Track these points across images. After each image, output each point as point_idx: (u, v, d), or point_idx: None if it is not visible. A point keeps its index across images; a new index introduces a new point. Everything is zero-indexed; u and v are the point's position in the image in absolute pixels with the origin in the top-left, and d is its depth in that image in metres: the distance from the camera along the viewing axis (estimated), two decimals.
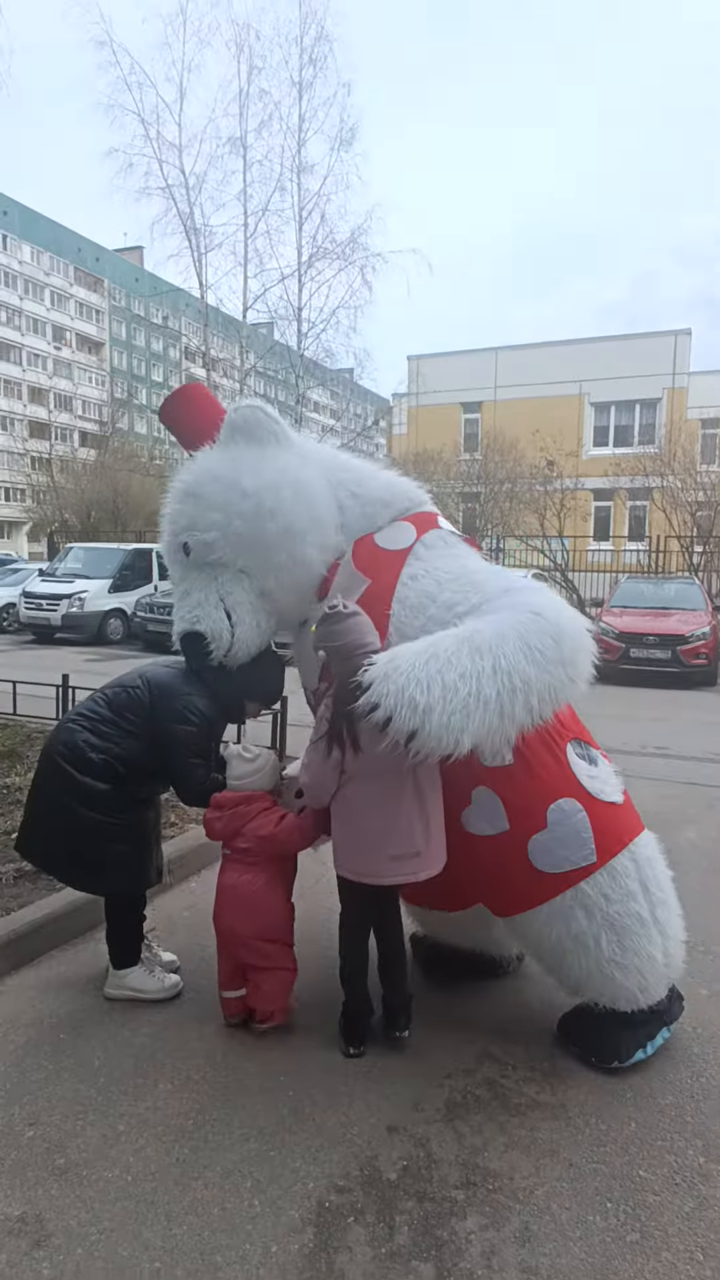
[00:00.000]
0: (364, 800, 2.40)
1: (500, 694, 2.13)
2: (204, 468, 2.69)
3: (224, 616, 2.66)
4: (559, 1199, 1.98)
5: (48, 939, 3.17)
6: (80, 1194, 1.96)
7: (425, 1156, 2.11)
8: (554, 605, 2.36)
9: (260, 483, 2.58)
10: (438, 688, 2.11)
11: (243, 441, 2.68)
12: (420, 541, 2.69)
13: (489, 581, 2.56)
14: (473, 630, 2.26)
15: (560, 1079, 2.44)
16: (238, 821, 2.62)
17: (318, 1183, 2.01)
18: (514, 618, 2.28)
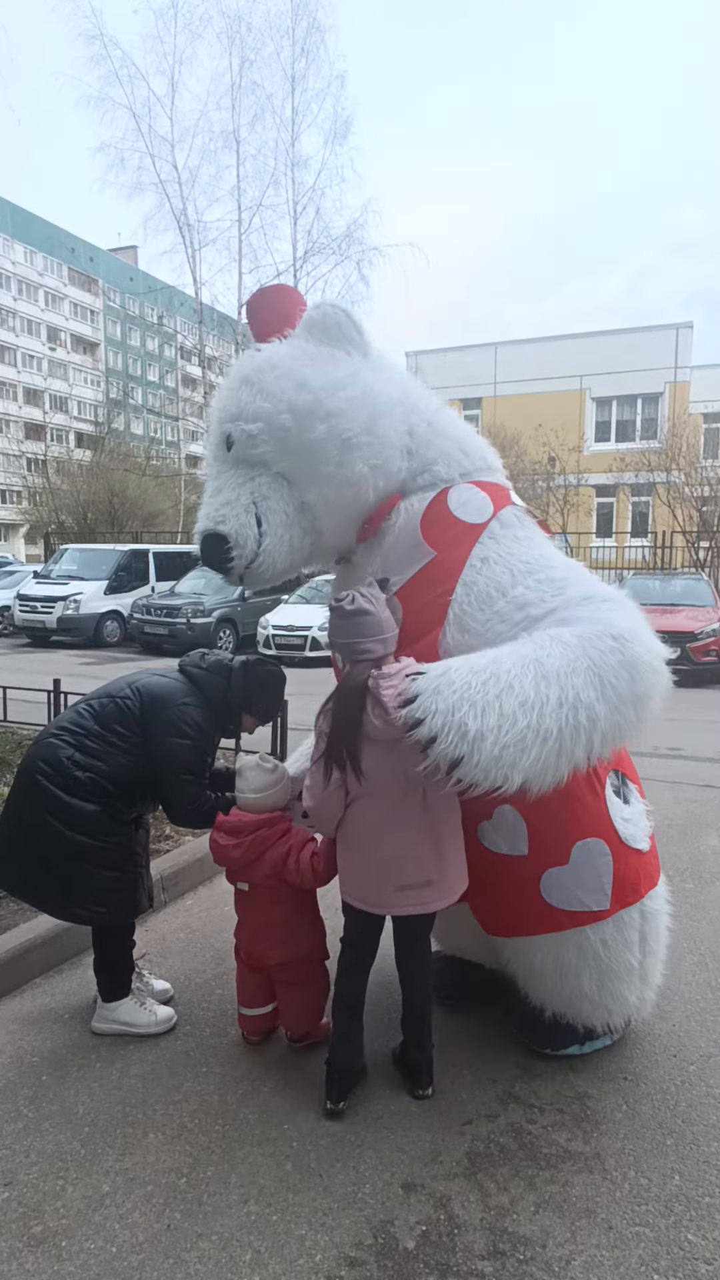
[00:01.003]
0: (368, 824, 2.16)
1: (562, 730, 1.88)
2: (267, 356, 2.37)
3: (253, 521, 2.30)
4: (599, 1271, 1.75)
5: (32, 967, 2.95)
6: (58, 1269, 1.74)
7: (447, 1220, 1.88)
8: (636, 630, 2.05)
9: (324, 380, 2.26)
10: (493, 714, 1.85)
11: (317, 340, 2.37)
12: (496, 518, 2.37)
13: (569, 583, 2.24)
14: (542, 651, 1.97)
15: (593, 1124, 2.22)
16: (259, 848, 2.39)
17: (326, 1254, 1.78)
18: (590, 641, 1.98)
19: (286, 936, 2.44)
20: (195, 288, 18.99)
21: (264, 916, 2.45)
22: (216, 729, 2.61)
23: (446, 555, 2.30)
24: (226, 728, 2.66)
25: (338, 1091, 2.22)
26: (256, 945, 2.47)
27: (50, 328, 53.18)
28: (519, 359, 25.55)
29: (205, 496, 2.44)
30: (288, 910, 2.44)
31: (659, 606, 11.60)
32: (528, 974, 2.43)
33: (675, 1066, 2.47)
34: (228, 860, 2.43)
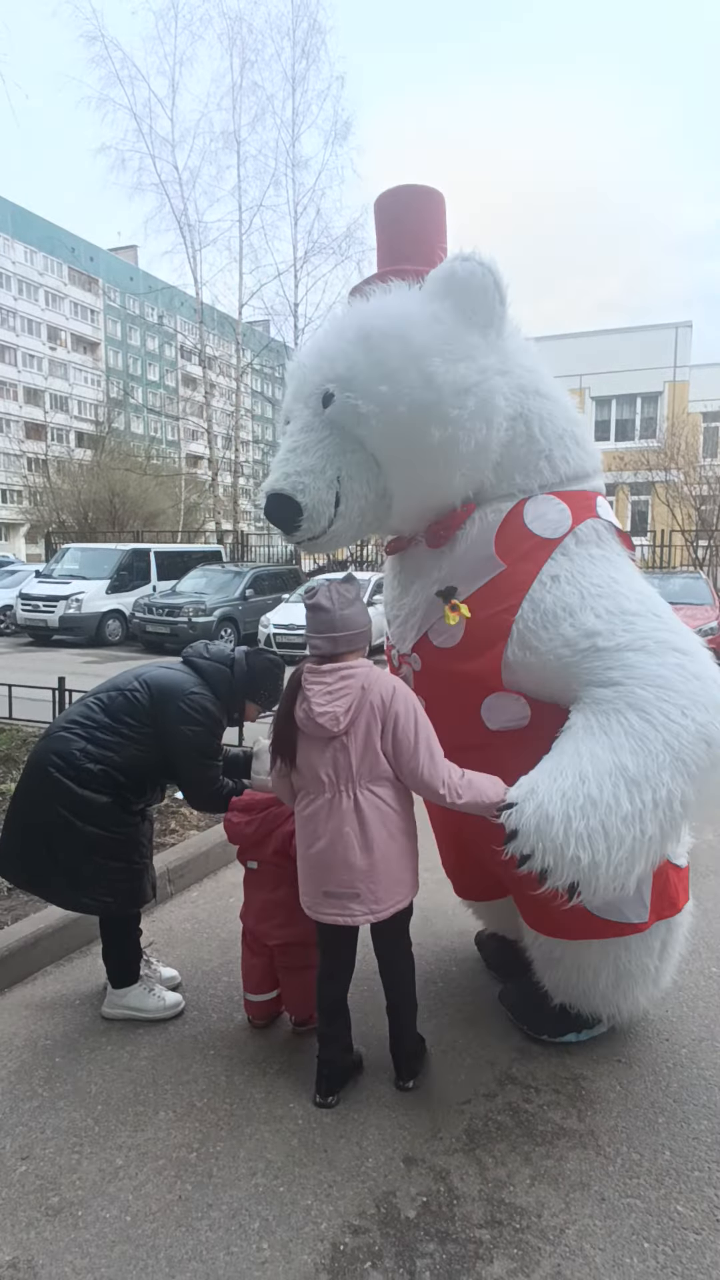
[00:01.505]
0: (306, 819, 2.20)
1: (663, 826, 1.98)
2: (397, 319, 2.10)
3: (333, 499, 2.17)
4: (592, 1239, 1.83)
5: (42, 955, 3.03)
6: (75, 1236, 1.82)
7: (446, 1191, 1.97)
8: (708, 692, 2.03)
9: (449, 376, 2.05)
10: (601, 841, 1.93)
11: (454, 305, 2.12)
12: (573, 533, 2.24)
13: (640, 618, 2.13)
14: (622, 753, 1.99)
15: (588, 1103, 2.30)
16: (270, 824, 2.50)
17: (331, 1223, 1.87)
18: (663, 725, 1.99)
19: (289, 916, 2.50)
20: (196, 288, 19.08)
21: (269, 894, 2.54)
22: (224, 716, 2.69)
23: (516, 569, 2.23)
24: (231, 715, 2.75)
25: (327, 1086, 2.27)
26: (260, 924, 2.56)
27: (50, 327, 53.22)
28: None
29: (286, 445, 2.25)
30: (291, 890, 2.51)
31: None
32: (545, 962, 2.47)
33: (668, 1050, 2.55)
34: (241, 837, 2.52)
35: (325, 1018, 2.30)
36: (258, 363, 21.83)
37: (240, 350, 20.06)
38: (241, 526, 21.36)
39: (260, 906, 2.57)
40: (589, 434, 2.46)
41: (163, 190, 18.54)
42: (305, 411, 2.24)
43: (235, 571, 14.48)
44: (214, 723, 2.61)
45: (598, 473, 2.46)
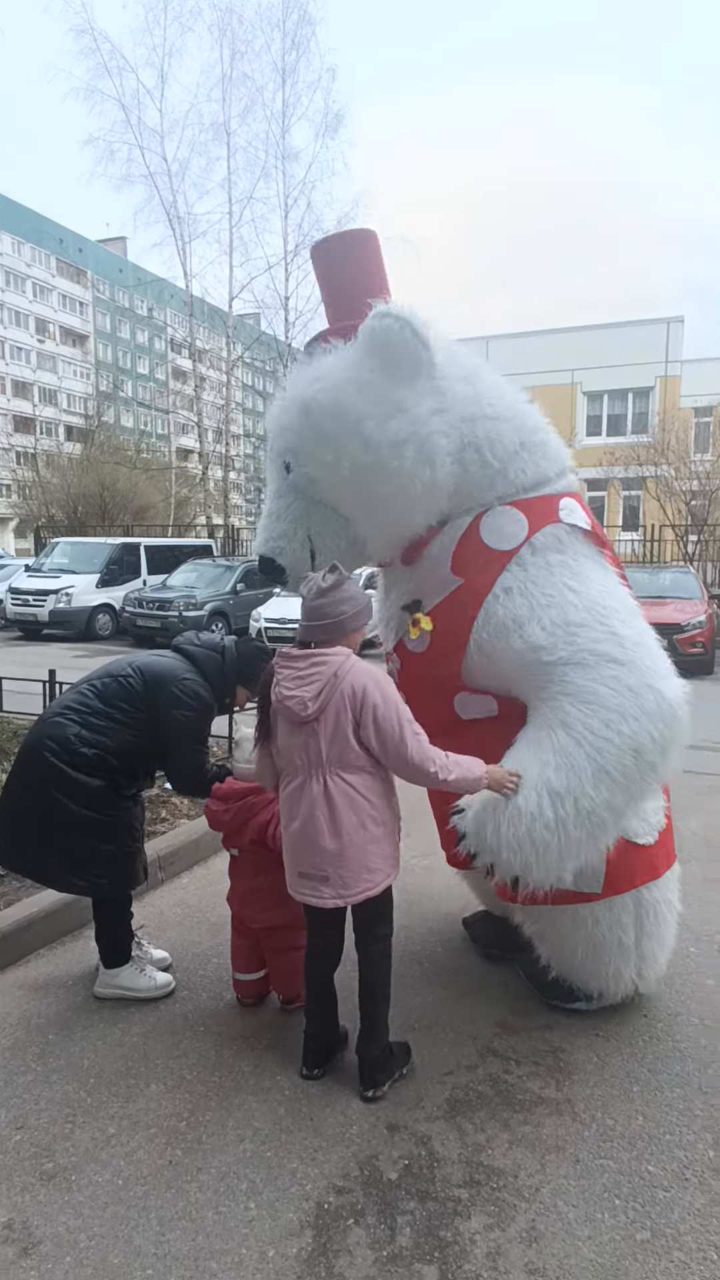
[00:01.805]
0: (284, 802, 2.26)
1: (589, 831, 2.19)
2: (331, 389, 2.28)
3: (308, 555, 2.46)
4: (566, 1196, 1.92)
5: (35, 938, 3.09)
6: (69, 1199, 1.89)
7: (427, 1155, 2.05)
8: (639, 704, 2.18)
9: (384, 436, 2.23)
10: (529, 846, 2.19)
11: (379, 363, 2.25)
12: (529, 543, 2.37)
13: (584, 628, 2.26)
14: (547, 769, 2.20)
15: (565, 1074, 2.38)
16: (245, 814, 2.56)
17: (316, 1184, 1.94)
18: (591, 734, 2.18)
19: (272, 901, 2.57)
20: (185, 280, 19.01)
21: (251, 881, 2.60)
22: (215, 702, 2.75)
23: (473, 582, 2.38)
24: (222, 701, 2.81)
25: (313, 1059, 2.34)
26: (245, 909, 2.63)
27: (39, 319, 52.82)
28: (510, 353, 25.60)
29: (265, 512, 2.55)
30: (272, 877, 2.57)
31: (647, 599, 11.75)
32: (535, 935, 2.64)
33: (644, 1024, 2.64)
34: (219, 825, 2.59)
35: (312, 994, 2.36)
36: (249, 356, 21.79)
37: (231, 343, 20.03)
38: (232, 521, 21.35)
39: (244, 892, 2.64)
40: (550, 437, 2.56)
41: (152, 182, 18.44)
42: (275, 478, 2.52)
43: (226, 566, 14.51)
44: (205, 708, 2.67)
45: (564, 473, 2.55)
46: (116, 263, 54.70)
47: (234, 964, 2.72)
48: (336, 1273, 1.71)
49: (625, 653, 2.25)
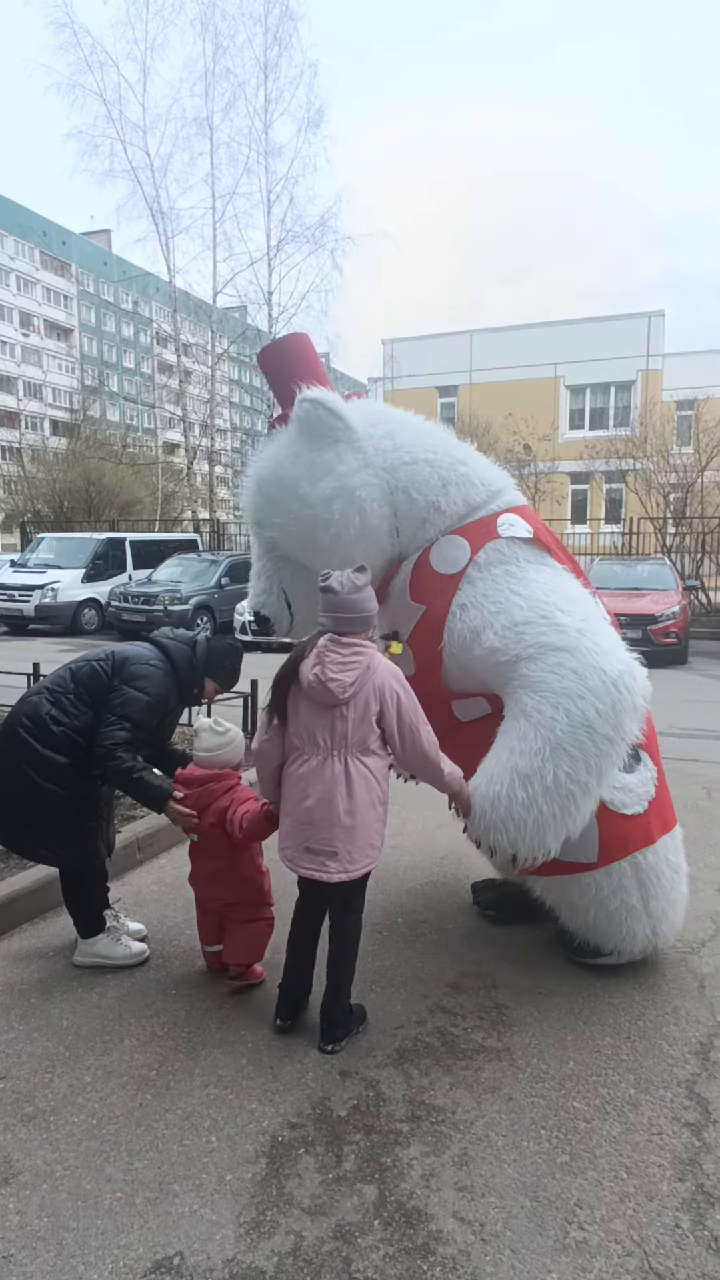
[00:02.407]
0: (298, 778, 2.42)
1: (561, 804, 2.46)
2: (272, 465, 2.78)
3: (284, 606, 2.95)
4: (497, 1129, 2.13)
5: (18, 914, 3.27)
6: (47, 1137, 2.08)
7: (375, 1096, 2.25)
8: (582, 684, 2.43)
9: (315, 494, 2.67)
10: (511, 825, 2.48)
11: (307, 439, 2.71)
12: (473, 561, 2.70)
13: (528, 625, 2.56)
14: (514, 756, 2.49)
15: (507, 1026, 2.60)
16: (206, 799, 2.73)
17: (272, 1121, 2.15)
18: (544, 724, 2.45)
19: (230, 881, 2.76)
20: (170, 275, 19.05)
21: (212, 864, 2.78)
22: (177, 695, 2.92)
23: (433, 606, 2.73)
24: (191, 692, 2.98)
25: (285, 1011, 2.54)
26: (206, 889, 2.81)
27: (23, 313, 52.47)
28: (494, 347, 25.82)
29: (253, 574, 3.06)
30: (231, 859, 2.76)
31: (624, 591, 12.04)
32: (554, 904, 2.91)
33: (584, 982, 2.86)
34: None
35: (295, 952, 2.56)
36: (234, 350, 21.87)
37: (215, 338, 20.09)
38: (218, 515, 21.45)
39: (205, 875, 2.80)
40: (471, 470, 2.85)
41: (134, 177, 18.49)
42: (255, 545, 3.04)
43: (211, 560, 14.63)
44: (157, 699, 2.80)
45: (497, 494, 2.88)
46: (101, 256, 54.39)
47: (201, 938, 2.91)
48: (286, 1192, 1.91)
49: (566, 639, 2.52)
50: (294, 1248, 1.76)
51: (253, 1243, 1.78)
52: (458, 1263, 1.73)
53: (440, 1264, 1.73)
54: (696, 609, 14.55)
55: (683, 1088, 2.30)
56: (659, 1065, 2.39)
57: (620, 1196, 1.91)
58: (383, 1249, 1.76)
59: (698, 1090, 2.29)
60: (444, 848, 4.00)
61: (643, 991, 2.80)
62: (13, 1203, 1.88)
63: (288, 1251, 1.75)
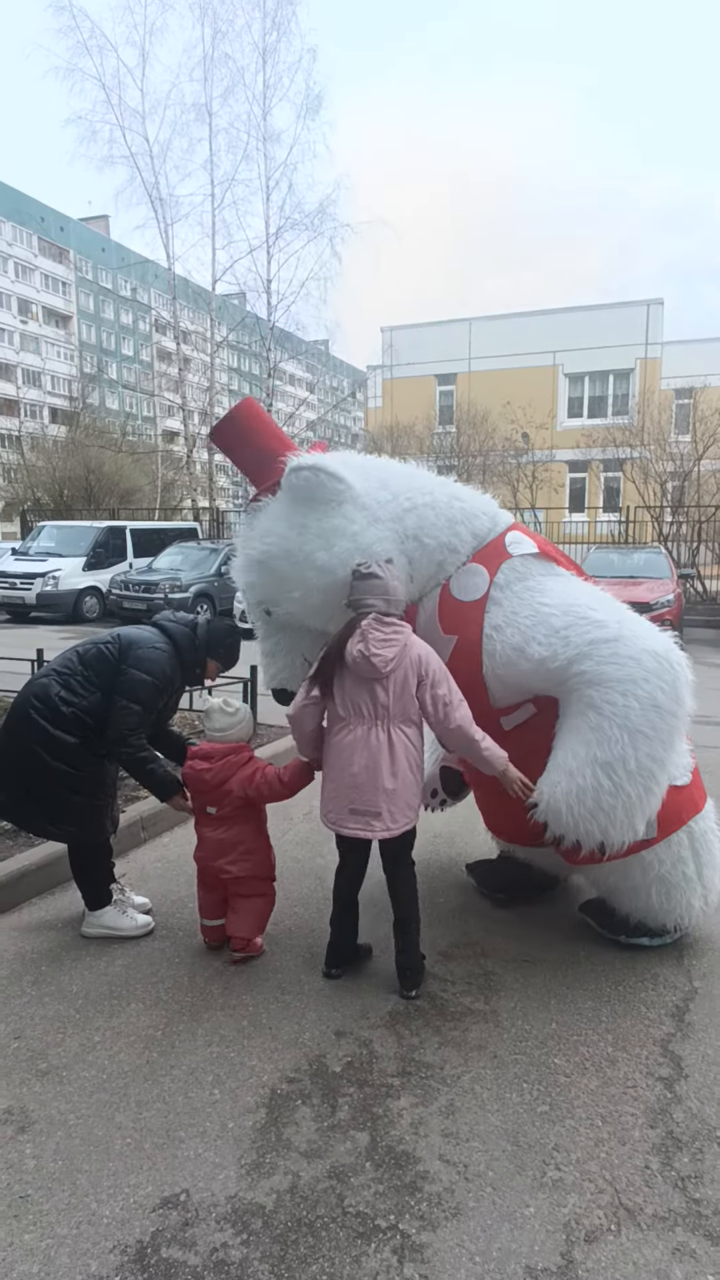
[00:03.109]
0: (344, 746, 2.60)
1: (644, 785, 2.56)
2: (275, 539, 2.70)
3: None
4: (482, 1082, 2.27)
5: (27, 889, 3.41)
6: (61, 1090, 2.22)
7: (368, 1054, 2.39)
8: (642, 668, 2.56)
9: (331, 558, 2.64)
10: (601, 815, 2.57)
11: (306, 506, 2.68)
12: (494, 584, 2.80)
13: (571, 629, 2.66)
14: (590, 746, 2.58)
15: (494, 991, 2.73)
16: (228, 771, 2.85)
17: (271, 1076, 2.29)
18: (613, 707, 2.56)
19: (244, 853, 2.90)
20: (169, 262, 18.99)
21: (224, 834, 2.91)
22: (180, 675, 3.04)
23: (465, 635, 2.80)
24: (194, 672, 3.10)
25: (333, 960, 2.79)
26: (218, 861, 2.91)
27: (21, 300, 52.18)
28: (493, 335, 25.77)
29: (263, 653, 2.99)
30: (244, 830, 2.91)
31: (620, 579, 12.15)
32: (608, 891, 3.00)
33: (569, 951, 3.00)
34: (201, 783, 2.87)
35: (338, 909, 2.78)
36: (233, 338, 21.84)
37: (214, 326, 20.06)
38: (218, 504, 21.50)
39: (216, 845, 2.91)
40: (466, 502, 2.91)
41: (133, 163, 18.38)
42: (261, 624, 2.96)
43: (211, 548, 14.72)
44: (163, 680, 2.93)
45: (494, 517, 2.96)
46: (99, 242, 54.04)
47: (201, 912, 3.02)
48: (285, 1138, 2.05)
49: (610, 631, 2.67)
50: (291, 1186, 1.90)
51: (253, 1181, 1.91)
52: (442, 1199, 1.87)
53: (426, 1199, 1.87)
54: (691, 597, 14.67)
55: (658, 1046, 2.43)
56: (636, 1026, 2.53)
57: (595, 1141, 2.05)
58: (373, 1187, 1.90)
59: (672, 1049, 2.43)
60: (437, 828, 4.13)
61: (625, 960, 2.94)
62: (29, 1148, 2.02)
63: (285, 1189, 1.89)
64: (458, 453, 21.97)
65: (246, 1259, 1.71)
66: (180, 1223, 1.80)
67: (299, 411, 25.40)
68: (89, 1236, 1.77)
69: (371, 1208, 1.84)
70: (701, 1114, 2.15)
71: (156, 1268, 1.69)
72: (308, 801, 4.17)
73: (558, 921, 3.23)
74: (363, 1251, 1.73)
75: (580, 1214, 1.83)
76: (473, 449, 21.60)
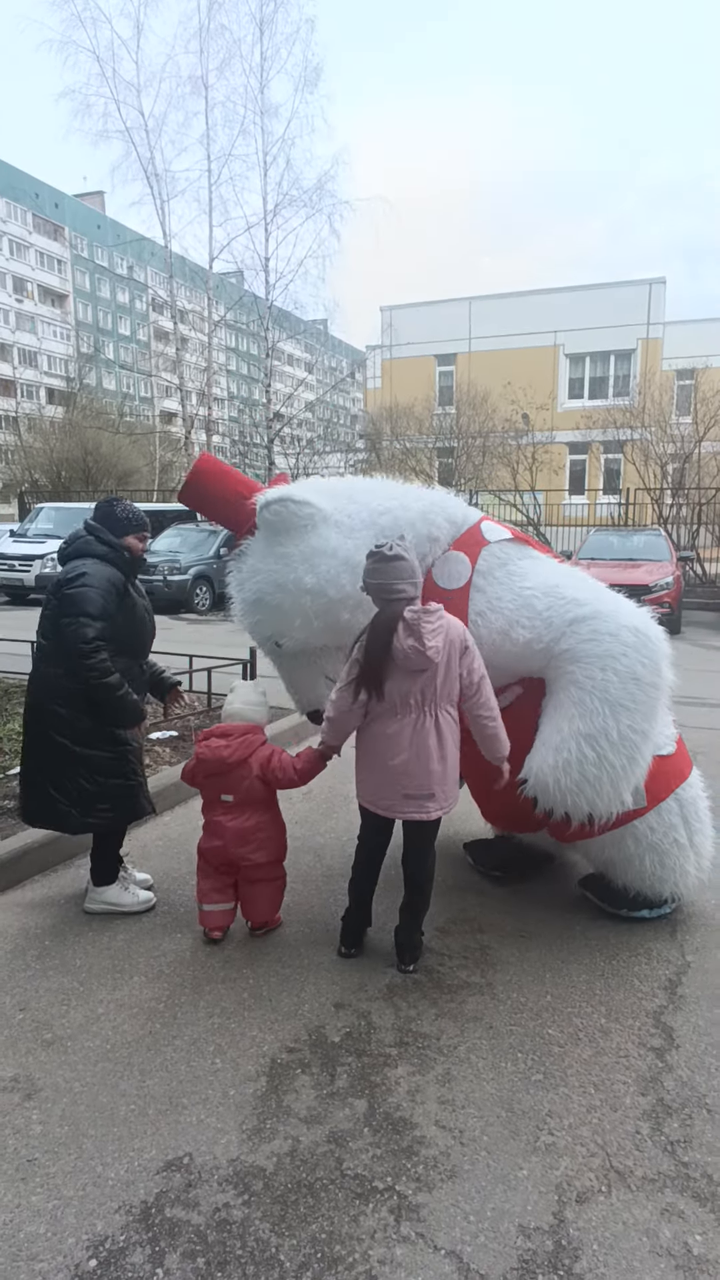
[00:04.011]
0: (387, 737, 2.58)
1: (628, 755, 2.64)
2: (267, 577, 2.79)
3: None
4: (478, 1052, 2.32)
5: (29, 866, 3.45)
6: (66, 1059, 2.27)
7: (366, 1025, 2.44)
8: (620, 643, 2.64)
9: (319, 578, 2.73)
10: (587, 786, 2.64)
11: (284, 537, 2.77)
12: (476, 571, 2.87)
13: (551, 610, 2.76)
14: (574, 722, 2.66)
15: (490, 965, 2.78)
16: (246, 750, 2.85)
17: (271, 1046, 2.34)
18: (593, 681, 2.64)
19: (266, 840, 2.90)
20: (165, 239, 18.75)
21: (245, 822, 2.88)
22: (119, 573, 2.96)
23: None
24: (125, 558, 3.01)
25: (349, 941, 2.84)
26: (240, 849, 2.87)
27: (16, 278, 51.53)
28: (493, 314, 25.51)
29: (287, 685, 3.07)
30: (264, 817, 2.91)
31: (619, 562, 12.14)
32: (604, 865, 3.06)
33: (565, 925, 3.05)
34: (220, 762, 2.83)
35: (356, 892, 2.82)
36: (230, 317, 21.61)
37: (212, 304, 19.85)
38: None
39: (237, 834, 2.87)
40: (431, 501, 2.97)
41: (128, 137, 18.04)
42: (276, 657, 3.04)
43: (210, 530, 14.66)
44: (103, 583, 2.86)
45: (463, 506, 3.06)
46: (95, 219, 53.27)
47: (205, 897, 2.94)
48: (285, 1105, 2.10)
49: (588, 609, 2.75)
50: (291, 1150, 1.96)
51: (254, 1146, 1.97)
52: (438, 1161, 1.92)
53: (423, 1163, 1.92)
54: (691, 579, 14.65)
55: (650, 1018, 2.49)
56: (630, 998, 2.59)
57: (588, 1108, 2.10)
58: (371, 1151, 1.95)
59: (664, 1020, 2.48)
60: None
61: (619, 935, 2.99)
62: (36, 1114, 2.07)
63: (285, 1153, 1.95)
64: (457, 434, 21.82)
65: (248, 1218, 1.77)
66: (183, 1184, 1.85)
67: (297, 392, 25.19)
68: (94, 1198, 1.82)
69: (369, 1170, 1.90)
70: (691, 1082, 2.20)
71: (161, 1226, 1.74)
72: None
73: (553, 897, 3.28)
74: (360, 1211, 1.78)
75: (572, 1176, 1.89)
76: (472, 430, 21.44)
